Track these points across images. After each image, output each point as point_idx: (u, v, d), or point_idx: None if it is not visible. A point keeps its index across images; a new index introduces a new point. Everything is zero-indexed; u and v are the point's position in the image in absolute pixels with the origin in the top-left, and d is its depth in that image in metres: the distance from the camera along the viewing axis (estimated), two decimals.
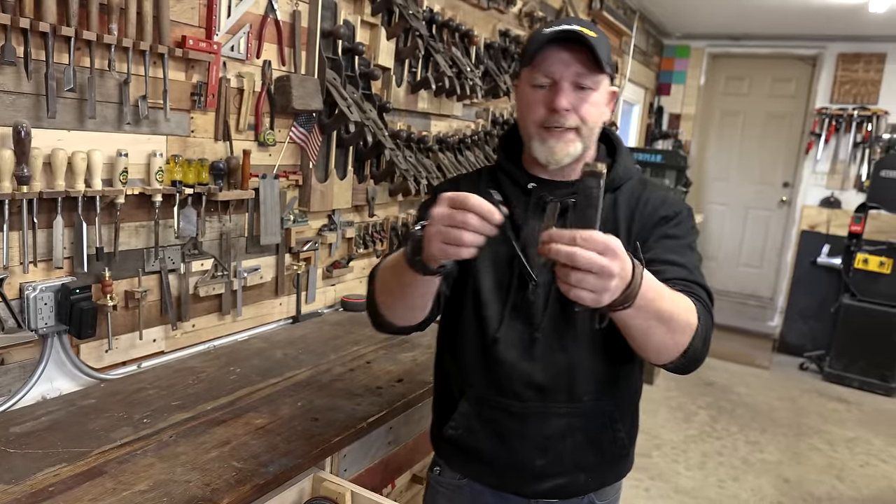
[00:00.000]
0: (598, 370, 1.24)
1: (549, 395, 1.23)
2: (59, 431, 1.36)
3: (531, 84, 1.19)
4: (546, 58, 1.15)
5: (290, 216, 2.13)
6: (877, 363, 4.79)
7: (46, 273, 1.50)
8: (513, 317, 1.22)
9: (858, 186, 5.53)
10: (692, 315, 1.05)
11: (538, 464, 1.26)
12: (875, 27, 4.97)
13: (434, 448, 1.42)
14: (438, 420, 1.38)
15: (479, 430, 1.28)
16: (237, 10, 1.81)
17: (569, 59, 1.14)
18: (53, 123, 1.45)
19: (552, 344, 1.22)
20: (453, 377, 1.32)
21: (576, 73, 1.14)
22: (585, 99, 1.16)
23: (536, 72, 1.17)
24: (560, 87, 1.15)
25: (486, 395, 1.26)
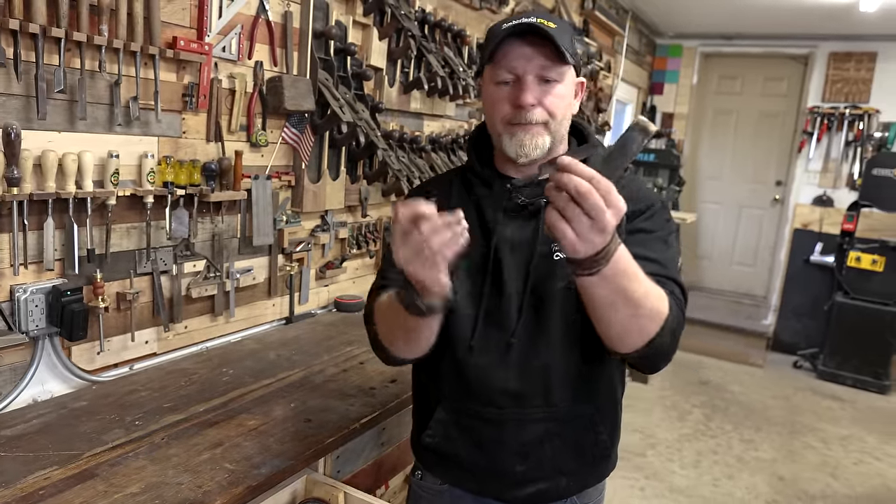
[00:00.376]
0: (574, 374, 1.22)
1: (524, 401, 1.21)
2: (50, 434, 1.35)
3: (495, 81, 1.15)
4: (507, 53, 1.12)
5: (283, 217, 2.12)
6: (870, 361, 4.81)
7: (37, 275, 1.50)
8: (487, 323, 1.19)
9: (851, 185, 5.55)
10: (663, 304, 1.02)
11: (518, 469, 1.24)
12: (866, 26, 5.00)
13: (414, 454, 1.40)
14: (417, 427, 1.37)
15: (457, 438, 1.26)
16: (228, 10, 1.81)
17: (531, 52, 1.11)
18: (44, 125, 1.45)
19: (527, 350, 1.19)
20: (429, 385, 1.31)
21: (539, 67, 1.11)
22: (550, 92, 1.13)
23: (499, 68, 1.14)
24: (524, 83, 1.12)
25: (462, 402, 1.24)
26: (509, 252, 1.19)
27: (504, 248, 1.19)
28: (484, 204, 1.22)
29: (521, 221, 1.20)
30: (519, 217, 1.20)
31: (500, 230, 1.19)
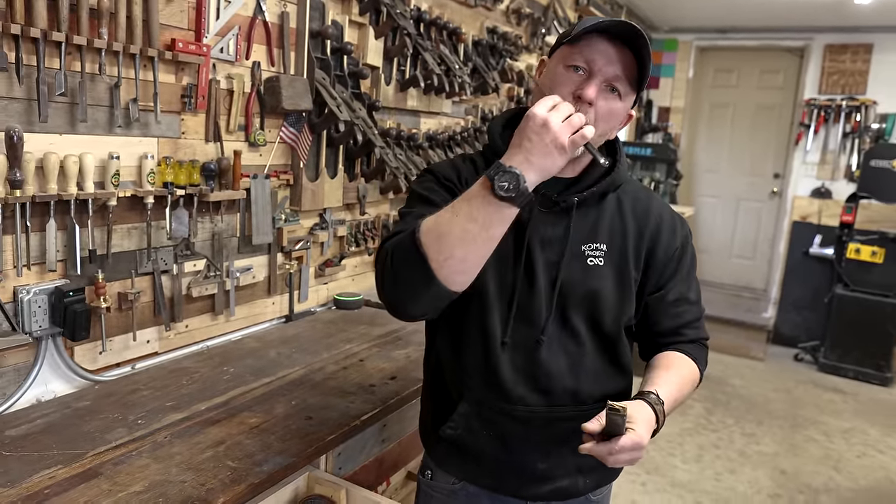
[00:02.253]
0: (601, 373, 1.24)
1: (554, 399, 1.21)
2: (55, 434, 1.36)
3: (565, 63, 1.11)
4: (591, 43, 1.09)
5: (282, 216, 2.13)
6: (871, 353, 4.81)
7: (40, 276, 1.51)
8: (518, 319, 1.19)
9: (849, 176, 5.55)
10: (696, 377, 1.26)
11: (540, 467, 1.24)
12: (861, 18, 5.00)
13: (426, 448, 1.38)
14: (433, 419, 1.33)
15: (479, 431, 1.24)
16: (226, 12, 1.82)
17: (614, 56, 1.08)
18: (45, 128, 1.46)
19: (556, 346, 1.20)
20: (451, 377, 1.27)
21: (614, 73, 1.09)
22: (610, 101, 1.11)
23: (576, 52, 1.10)
24: (593, 79, 1.09)
25: (488, 398, 1.22)
26: (540, 248, 1.19)
27: (535, 243, 1.19)
28: None
29: (553, 217, 1.20)
30: (551, 213, 1.20)
31: (534, 225, 1.18)
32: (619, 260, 1.22)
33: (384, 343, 2.06)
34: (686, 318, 1.27)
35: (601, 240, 1.21)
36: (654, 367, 1.22)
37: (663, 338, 1.28)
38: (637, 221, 1.24)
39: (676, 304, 1.26)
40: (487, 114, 3.24)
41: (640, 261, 1.24)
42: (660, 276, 1.25)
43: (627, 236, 1.22)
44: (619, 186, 1.24)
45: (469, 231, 0.99)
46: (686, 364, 1.23)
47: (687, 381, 1.21)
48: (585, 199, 1.19)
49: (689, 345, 1.27)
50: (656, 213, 1.26)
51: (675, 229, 1.27)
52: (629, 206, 1.24)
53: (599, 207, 1.22)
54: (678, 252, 1.26)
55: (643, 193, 1.29)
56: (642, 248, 1.24)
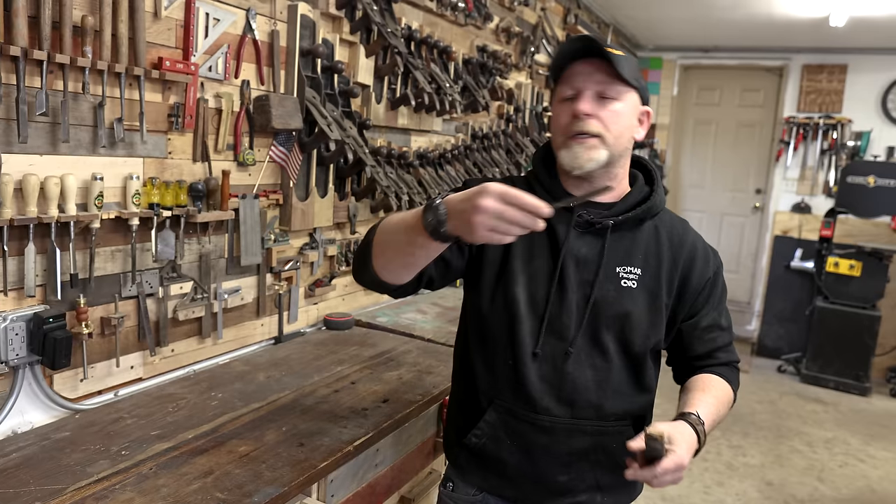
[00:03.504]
0: (626, 390, 1.28)
1: (578, 412, 1.25)
2: (32, 468, 1.30)
3: (559, 99, 1.24)
4: (571, 72, 1.21)
5: (271, 236, 2.10)
6: (851, 364, 4.89)
7: (18, 302, 1.46)
8: (548, 332, 1.24)
9: (827, 192, 5.66)
10: (731, 398, 1.31)
11: (561, 479, 1.28)
12: (836, 40, 5.12)
13: (449, 457, 1.41)
14: (459, 427, 1.37)
15: (504, 440, 1.29)
16: (214, 30, 1.79)
17: (591, 70, 1.19)
18: (25, 148, 1.41)
19: (584, 360, 1.25)
20: (481, 385, 1.32)
21: (597, 83, 1.18)
22: (607, 107, 1.19)
23: (563, 86, 1.23)
24: (582, 96, 1.19)
25: (516, 407, 1.27)
26: (574, 267, 1.25)
27: (570, 262, 1.25)
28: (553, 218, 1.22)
29: (588, 238, 1.26)
30: (587, 234, 1.26)
31: (570, 245, 1.24)
32: (652, 285, 1.27)
33: (376, 364, 2.02)
34: (718, 343, 1.33)
35: (635, 264, 1.26)
36: (691, 390, 1.28)
37: (697, 361, 1.34)
38: (672, 250, 1.29)
39: (709, 329, 1.32)
40: (478, 132, 3.24)
41: (673, 288, 1.29)
42: (693, 304, 1.31)
43: (662, 263, 1.28)
44: (655, 214, 1.30)
45: (399, 242, 1.11)
46: (721, 385, 1.29)
47: (723, 402, 1.27)
48: (621, 223, 1.26)
49: (722, 367, 1.33)
50: (690, 243, 1.32)
51: (708, 260, 1.33)
52: (665, 234, 1.30)
53: (636, 233, 1.28)
54: (710, 281, 1.31)
55: (679, 224, 1.35)
56: (675, 276, 1.29)
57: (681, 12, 4.75)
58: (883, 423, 4.36)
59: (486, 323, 1.30)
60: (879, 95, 5.43)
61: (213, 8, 1.78)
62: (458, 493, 1.38)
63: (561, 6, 4.25)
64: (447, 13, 2.85)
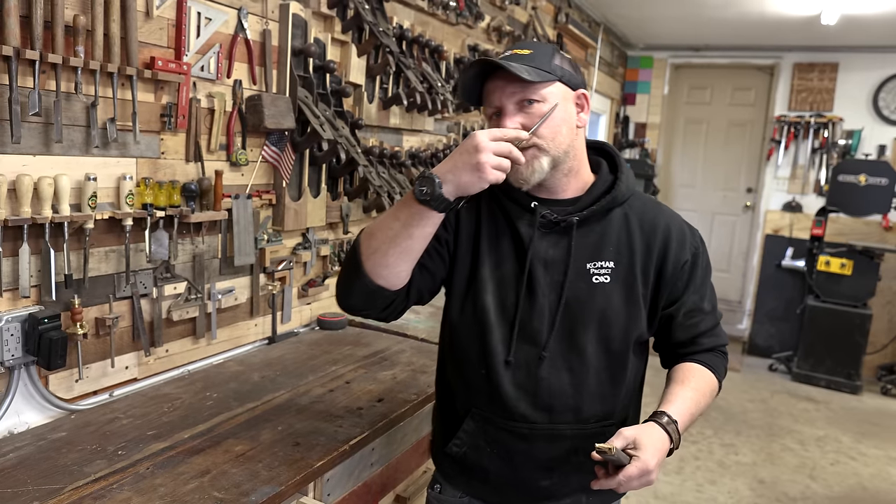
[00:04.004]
0: (605, 391, 1.25)
1: (556, 417, 1.23)
2: (29, 468, 1.30)
3: (487, 117, 1.23)
4: (486, 90, 1.21)
5: (264, 236, 2.10)
6: (842, 362, 4.92)
7: (12, 303, 1.45)
8: (520, 338, 1.22)
9: (818, 191, 5.70)
10: (714, 386, 1.27)
11: (543, 484, 1.26)
12: (827, 38, 5.16)
13: (435, 464, 1.41)
14: (441, 436, 1.37)
15: (484, 448, 1.27)
16: (206, 30, 1.79)
17: (503, 83, 1.17)
18: (18, 149, 1.41)
19: (558, 363, 1.22)
20: (458, 395, 1.31)
21: (513, 94, 1.16)
22: (534, 113, 1.16)
23: (486, 104, 1.22)
24: (504, 112, 1.17)
25: (493, 415, 1.25)
26: (543, 269, 1.22)
27: (538, 264, 1.22)
28: (516, 220, 1.24)
29: (554, 237, 1.23)
30: (552, 233, 1.23)
31: (535, 247, 1.22)
32: (626, 277, 1.23)
33: (370, 364, 2.03)
34: (701, 328, 1.28)
35: (607, 257, 1.23)
36: (671, 381, 1.26)
37: (680, 348, 1.30)
38: (645, 237, 1.25)
39: (690, 315, 1.28)
40: (469, 131, 3.25)
41: (649, 277, 1.25)
42: (672, 290, 1.27)
43: (635, 252, 1.24)
44: (624, 202, 1.26)
45: (392, 228, 1.12)
46: (702, 375, 1.26)
47: (704, 393, 1.24)
48: (586, 217, 1.22)
49: (706, 354, 1.30)
50: (664, 226, 1.27)
51: (683, 241, 1.27)
52: (636, 221, 1.26)
53: (604, 224, 1.24)
54: (688, 264, 1.27)
55: (651, 207, 1.30)
56: (650, 264, 1.25)
57: (672, 11, 4.77)
58: (874, 421, 4.39)
59: (457, 333, 1.28)
60: (871, 94, 5.46)
61: (204, 7, 1.78)
62: (445, 495, 1.37)
63: (552, 5, 4.27)
64: (438, 12, 2.86)
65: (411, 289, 1.22)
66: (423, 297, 1.28)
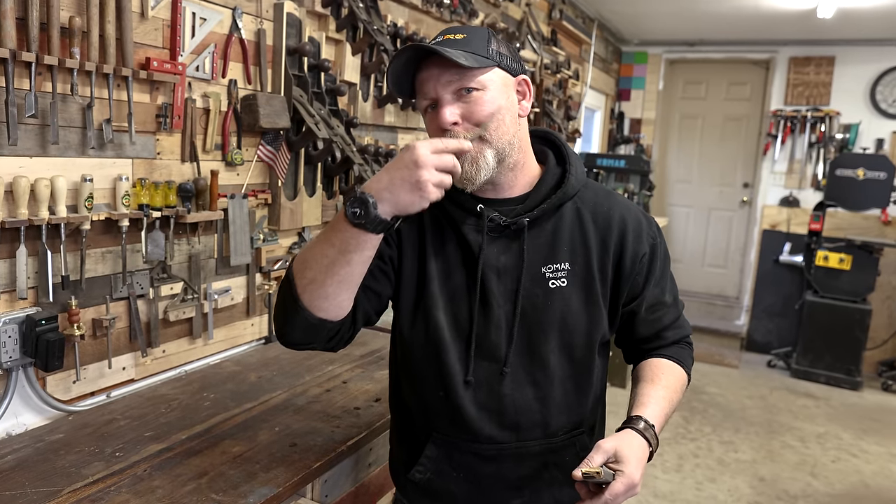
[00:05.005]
0: (571, 400, 1.19)
1: (524, 434, 1.16)
2: (27, 470, 1.30)
3: (421, 109, 1.13)
4: (420, 79, 1.10)
5: (260, 235, 2.10)
6: (841, 358, 4.91)
7: (10, 304, 1.45)
8: (478, 355, 1.14)
9: (815, 185, 5.70)
10: (684, 381, 1.24)
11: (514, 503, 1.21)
12: (824, 31, 5.16)
13: (397, 488, 1.32)
14: (403, 460, 1.28)
15: (450, 473, 1.20)
16: (201, 30, 1.79)
17: (438, 71, 1.06)
18: (14, 150, 1.41)
19: (521, 378, 1.15)
20: (416, 418, 1.23)
21: (448, 83, 1.06)
22: (472, 101, 1.07)
23: (420, 96, 1.11)
24: (441, 103, 1.07)
25: (457, 438, 1.18)
26: (496, 277, 1.14)
27: (490, 273, 1.14)
28: (462, 226, 1.15)
29: (504, 242, 1.15)
30: (502, 237, 1.15)
31: (485, 254, 1.13)
32: (584, 276, 1.16)
33: (367, 363, 2.03)
34: (664, 321, 1.23)
35: (561, 259, 1.15)
36: (640, 381, 1.19)
37: (644, 344, 1.25)
38: (599, 232, 1.17)
39: (652, 309, 1.22)
40: None
41: (607, 274, 1.18)
42: (632, 286, 1.20)
43: (590, 250, 1.16)
44: (575, 194, 1.18)
45: (327, 255, 1.00)
46: (670, 370, 1.21)
47: (674, 389, 1.19)
48: (537, 217, 1.14)
49: (672, 347, 1.25)
50: (619, 219, 1.19)
51: (640, 233, 1.20)
52: (589, 216, 1.18)
53: (555, 222, 1.16)
54: (647, 257, 1.20)
55: (603, 198, 1.21)
56: (607, 260, 1.17)
57: (666, 6, 4.77)
58: (875, 418, 4.38)
59: (409, 352, 1.19)
60: (868, 87, 5.46)
61: (199, 7, 1.78)
62: None
63: (546, 1, 4.26)
64: (432, 10, 2.86)
65: (357, 314, 1.12)
66: (371, 318, 1.18)
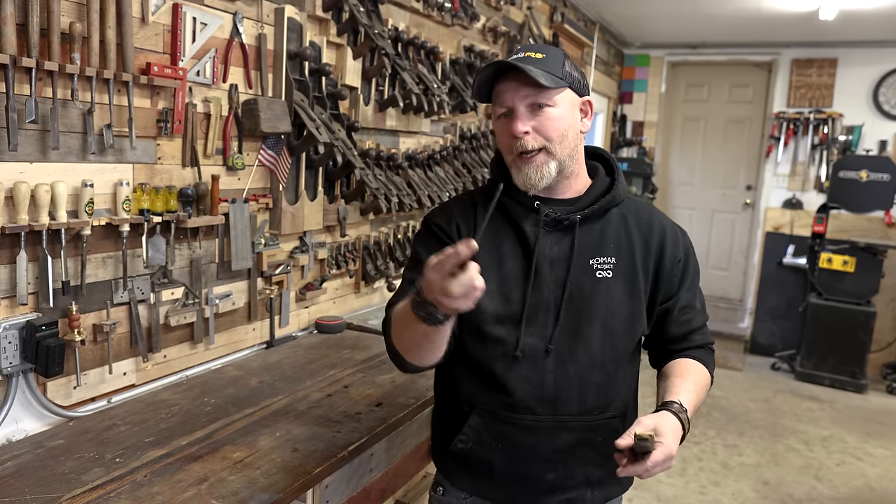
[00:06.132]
0: (609, 383, 1.28)
1: (560, 408, 1.25)
2: (27, 476, 1.30)
3: (495, 116, 1.26)
4: (499, 89, 1.23)
5: (261, 240, 2.10)
6: (846, 360, 4.88)
7: (10, 310, 1.45)
8: (526, 332, 1.24)
9: (818, 187, 5.68)
10: (708, 381, 1.32)
11: (549, 478, 1.28)
12: (826, 33, 5.15)
13: (437, 465, 1.41)
14: (444, 436, 1.37)
15: (489, 443, 1.28)
16: (202, 34, 1.79)
17: (516, 85, 1.20)
18: (15, 156, 1.41)
19: (564, 356, 1.25)
20: (463, 391, 1.32)
21: (525, 96, 1.20)
22: (542, 116, 1.21)
23: (496, 104, 1.24)
24: (516, 114, 1.21)
25: (499, 409, 1.27)
26: (549, 267, 1.26)
27: (544, 263, 1.25)
28: (520, 220, 1.27)
29: (557, 235, 1.27)
30: (555, 231, 1.27)
31: (540, 246, 1.25)
32: (628, 271, 1.28)
33: (368, 368, 2.02)
34: (693, 324, 1.34)
35: (608, 253, 1.27)
36: (670, 376, 1.29)
37: (673, 344, 1.35)
38: (642, 235, 1.30)
39: (684, 311, 1.33)
40: (466, 132, 3.24)
41: (649, 272, 1.30)
42: (669, 286, 1.32)
43: (635, 249, 1.29)
44: (620, 202, 1.31)
45: (413, 336, 1.13)
46: (698, 369, 1.30)
47: (702, 386, 1.28)
48: (588, 216, 1.27)
49: (698, 350, 1.35)
50: (659, 226, 1.33)
51: (677, 241, 1.34)
52: (633, 220, 1.31)
53: (603, 223, 1.29)
54: (682, 262, 1.33)
55: (645, 209, 1.36)
56: (650, 260, 1.30)
57: (668, 9, 4.77)
58: (880, 421, 4.35)
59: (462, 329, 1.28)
60: (871, 89, 5.44)
61: (200, 12, 1.78)
62: (448, 497, 1.38)
63: (547, 5, 4.26)
64: (434, 14, 2.86)
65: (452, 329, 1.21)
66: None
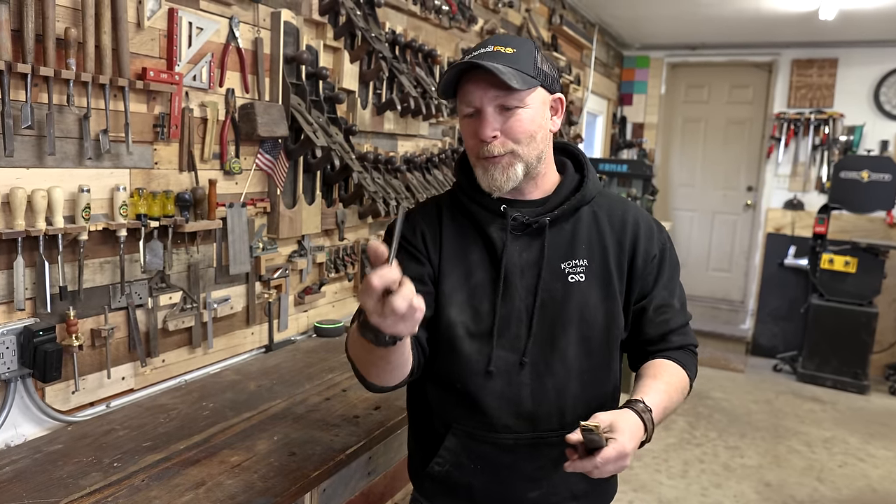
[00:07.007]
0: (588, 392, 1.22)
1: (539, 424, 1.20)
2: (25, 481, 1.30)
3: (461, 115, 1.18)
4: (465, 87, 1.15)
5: (259, 244, 2.10)
6: (848, 362, 4.87)
7: (7, 316, 1.45)
8: (499, 346, 1.19)
9: (820, 188, 5.67)
10: (686, 384, 1.23)
11: (532, 496, 1.23)
12: (826, 33, 5.14)
13: (415, 485, 1.36)
14: (421, 455, 1.32)
15: (468, 465, 1.23)
16: (198, 39, 1.79)
17: (485, 85, 1.12)
18: (11, 162, 1.41)
19: (539, 368, 1.19)
20: (436, 411, 1.26)
21: (495, 97, 1.12)
22: (511, 118, 1.14)
23: (462, 102, 1.17)
24: (483, 116, 1.14)
25: (476, 429, 1.21)
26: (519, 274, 1.20)
27: (513, 270, 1.19)
28: (486, 226, 1.22)
29: (526, 240, 1.21)
30: (524, 235, 1.21)
31: (509, 252, 1.19)
32: (601, 273, 1.22)
33: None
34: (671, 325, 1.25)
35: (580, 255, 1.21)
36: (642, 376, 1.21)
37: (650, 346, 1.27)
38: (615, 233, 1.24)
39: (660, 311, 1.25)
40: None
41: (623, 272, 1.24)
42: (643, 285, 1.25)
43: (607, 249, 1.23)
44: (591, 200, 1.25)
45: (369, 358, 1.07)
46: (674, 371, 1.22)
47: (676, 389, 1.19)
48: (557, 217, 1.21)
49: (677, 351, 1.26)
50: (633, 222, 1.26)
51: (652, 236, 1.27)
52: (605, 219, 1.25)
53: (574, 223, 1.23)
54: (657, 258, 1.26)
55: (618, 203, 1.29)
56: (623, 259, 1.24)
57: (667, 10, 4.77)
58: (882, 422, 4.34)
59: (435, 346, 1.22)
60: (871, 89, 5.43)
61: (195, 17, 1.79)
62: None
63: (546, 7, 4.27)
64: (431, 16, 2.86)
65: (421, 344, 1.19)
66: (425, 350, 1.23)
